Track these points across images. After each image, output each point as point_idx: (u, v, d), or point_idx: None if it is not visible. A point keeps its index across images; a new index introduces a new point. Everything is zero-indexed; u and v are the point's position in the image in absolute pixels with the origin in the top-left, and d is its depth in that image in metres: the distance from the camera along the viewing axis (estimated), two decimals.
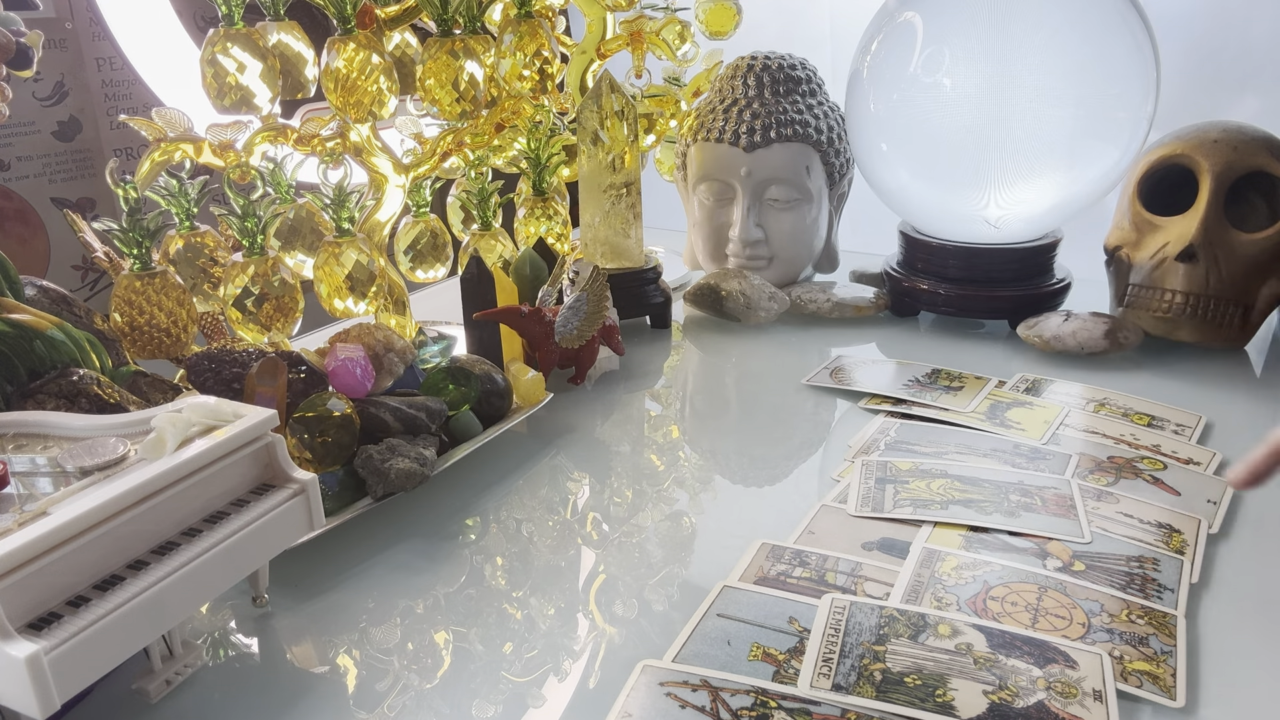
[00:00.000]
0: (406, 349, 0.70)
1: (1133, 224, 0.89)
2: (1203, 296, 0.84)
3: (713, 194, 1.02)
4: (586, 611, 0.55)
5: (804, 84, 1.02)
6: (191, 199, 0.76)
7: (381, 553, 0.61)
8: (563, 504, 0.68)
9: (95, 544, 0.42)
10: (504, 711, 0.47)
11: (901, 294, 1.00)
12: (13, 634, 0.38)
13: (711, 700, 0.46)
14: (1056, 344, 0.87)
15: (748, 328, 0.99)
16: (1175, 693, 0.46)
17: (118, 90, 1.13)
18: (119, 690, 0.49)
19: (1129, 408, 0.77)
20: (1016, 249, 0.94)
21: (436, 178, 0.90)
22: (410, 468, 0.62)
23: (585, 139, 0.91)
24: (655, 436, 0.78)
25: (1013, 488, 0.64)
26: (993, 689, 0.46)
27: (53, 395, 0.55)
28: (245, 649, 0.53)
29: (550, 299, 0.82)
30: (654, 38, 0.98)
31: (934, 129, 0.87)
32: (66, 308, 0.65)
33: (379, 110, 0.73)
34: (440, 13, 0.75)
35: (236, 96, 0.70)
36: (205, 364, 0.64)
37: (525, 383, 0.76)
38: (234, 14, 0.69)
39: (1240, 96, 1.12)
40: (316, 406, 0.61)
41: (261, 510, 0.49)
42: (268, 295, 0.74)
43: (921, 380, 0.83)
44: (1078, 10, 0.83)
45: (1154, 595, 0.53)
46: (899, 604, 0.52)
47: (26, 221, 1.08)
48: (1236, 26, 1.10)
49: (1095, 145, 0.86)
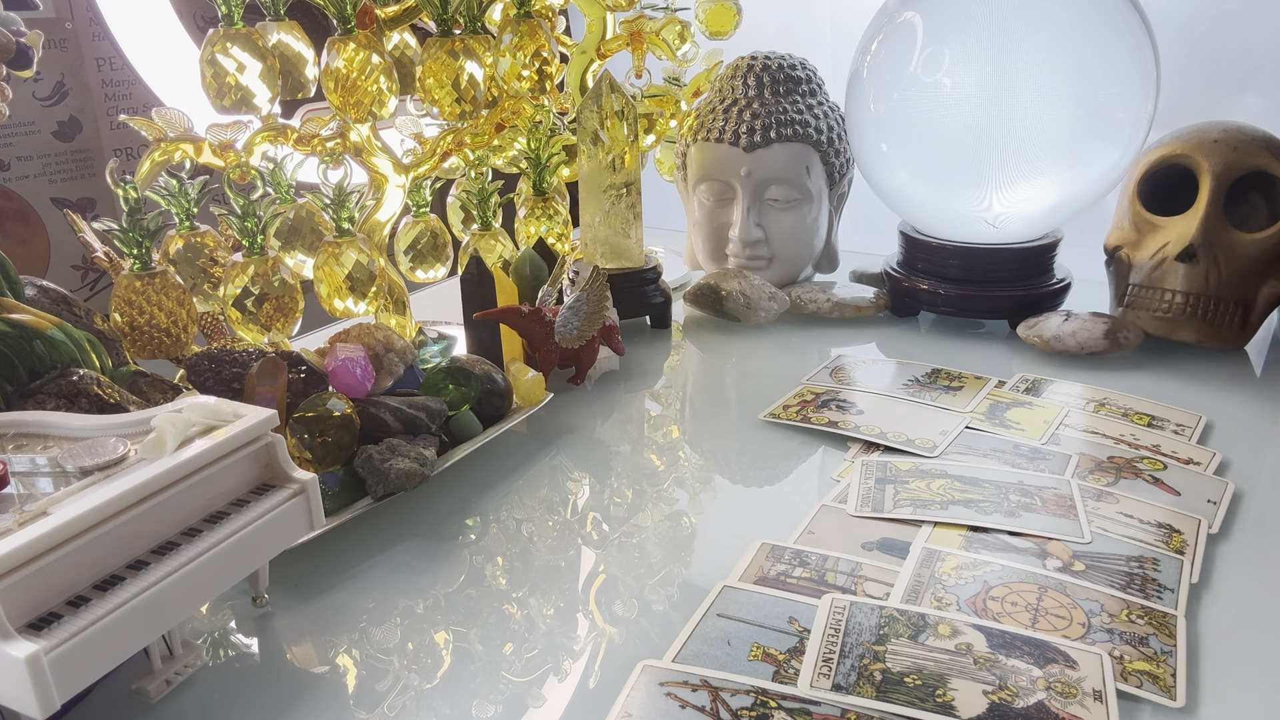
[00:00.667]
0: (406, 349, 0.70)
1: (1133, 224, 0.89)
2: (1203, 296, 0.84)
3: (713, 194, 1.02)
4: (586, 611, 0.55)
5: (804, 84, 1.02)
6: (191, 199, 0.76)
7: (381, 553, 0.61)
8: (563, 504, 0.68)
9: (95, 544, 0.42)
10: (504, 711, 0.47)
11: (901, 294, 1.00)
12: (13, 634, 0.38)
13: (711, 700, 0.46)
14: (1056, 344, 0.87)
15: (748, 328, 0.99)
16: (1175, 693, 0.46)
17: (118, 90, 1.13)
18: (119, 690, 0.49)
19: (1129, 408, 0.77)
20: (1016, 249, 0.94)
21: (436, 178, 0.90)
22: (410, 468, 0.62)
23: (585, 139, 0.91)
24: (655, 436, 0.78)
25: (1012, 488, 0.64)
26: (993, 689, 0.46)
27: (53, 395, 0.55)
28: (245, 649, 0.53)
29: (550, 299, 0.82)
30: (654, 38, 0.98)
31: (934, 129, 0.87)
32: (66, 308, 0.65)
33: (379, 110, 0.73)
34: (440, 13, 0.75)
35: (236, 96, 0.70)
36: (205, 364, 0.64)
37: (525, 383, 0.76)
38: (234, 14, 0.69)
39: (1240, 96, 1.12)
40: (316, 406, 0.61)
41: (261, 510, 0.49)
42: (268, 295, 0.74)
43: (921, 380, 0.83)
44: (1078, 10, 0.83)
45: (1154, 595, 0.53)
46: (899, 604, 0.52)
47: (26, 221, 1.08)
48: (1236, 26, 1.10)
49: (1095, 145, 0.86)
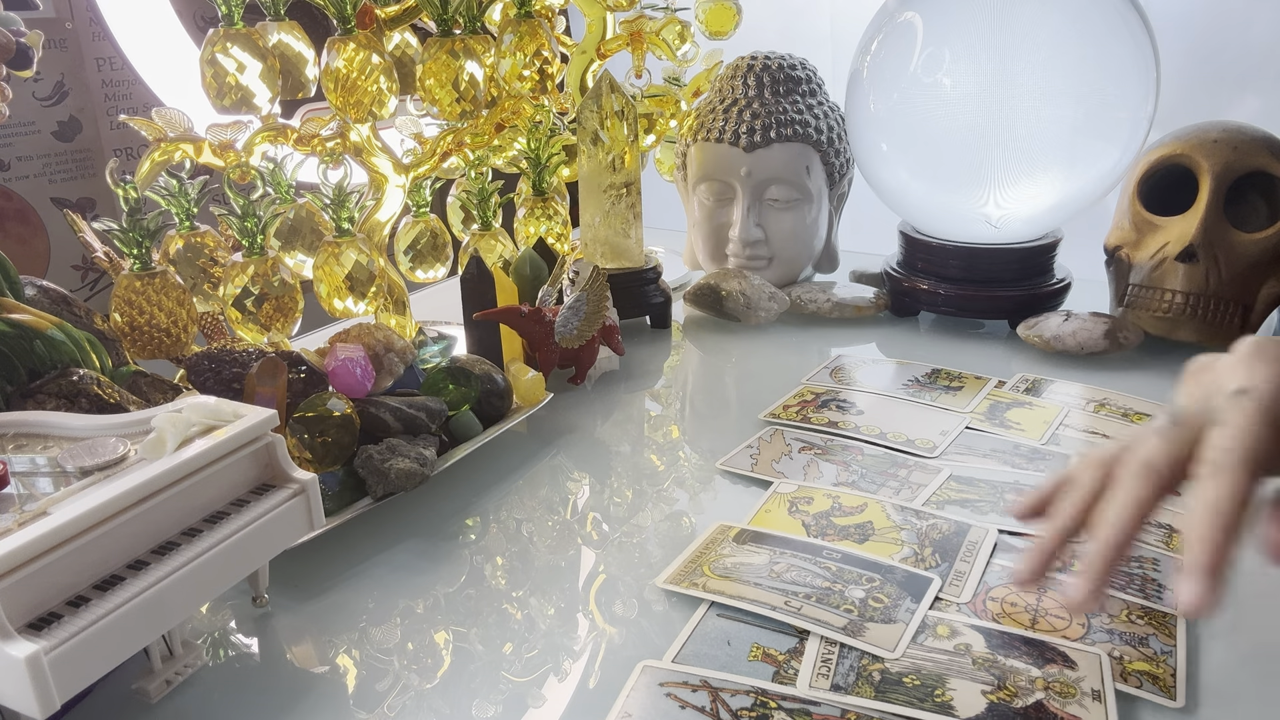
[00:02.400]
0: (406, 349, 0.71)
1: (1133, 224, 0.89)
2: (1203, 296, 0.84)
3: (713, 194, 1.02)
4: (586, 611, 0.55)
5: (804, 84, 1.02)
6: (191, 199, 0.76)
7: (381, 553, 0.61)
8: (563, 504, 0.68)
9: (95, 544, 0.42)
10: (504, 711, 0.47)
11: (901, 294, 1.00)
12: (13, 634, 0.38)
13: (711, 701, 0.46)
14: (1056, 344, 0.87)
15: (748, 328, 0.99)
16: (1175, 693, 0.46)
17: (118, 90, 1.13)
18: (119, 690, 0.49)
19: (1129, 408, 0.77)
20: (1016, 249, 0.94)
21: (436, 178, 0.90)
22: (410, 468, 0.62)
23: (585, 139, 0.91)
24: (655, 436, 0.78)
25: (1009, 487, 0.64)
26: (991, 689, 0.46)
27: (53, 395, 0.55)
28: (245, 649, 0.53)
29: (550, 299, 0.82)
30: (654, 38, 0.98)
31: (934, 129, 0.87)
32: (66, 308, 0.65)
33: (379, 110, 0.73)
34: (440, 13, 0.75)
35: (236, 96, 0.70)
36: (205, 364, 0.64)
37: (525, 383, 0.76)
38: (234, 14, 0.69)
39: (1240, 96, 1.12)
40: (316, 406, 0.61)
41: (261, 510, 0.49)
42: (268, 295, 0.74)
43: (921, 380, 0.83)
44: (1078, 10, 0.83)
45: (1154, 595, 0.53)
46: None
47: (26, 221, 1.09)
48: (1236, 26, 1.10)
49: (1095, 145, 0.86)
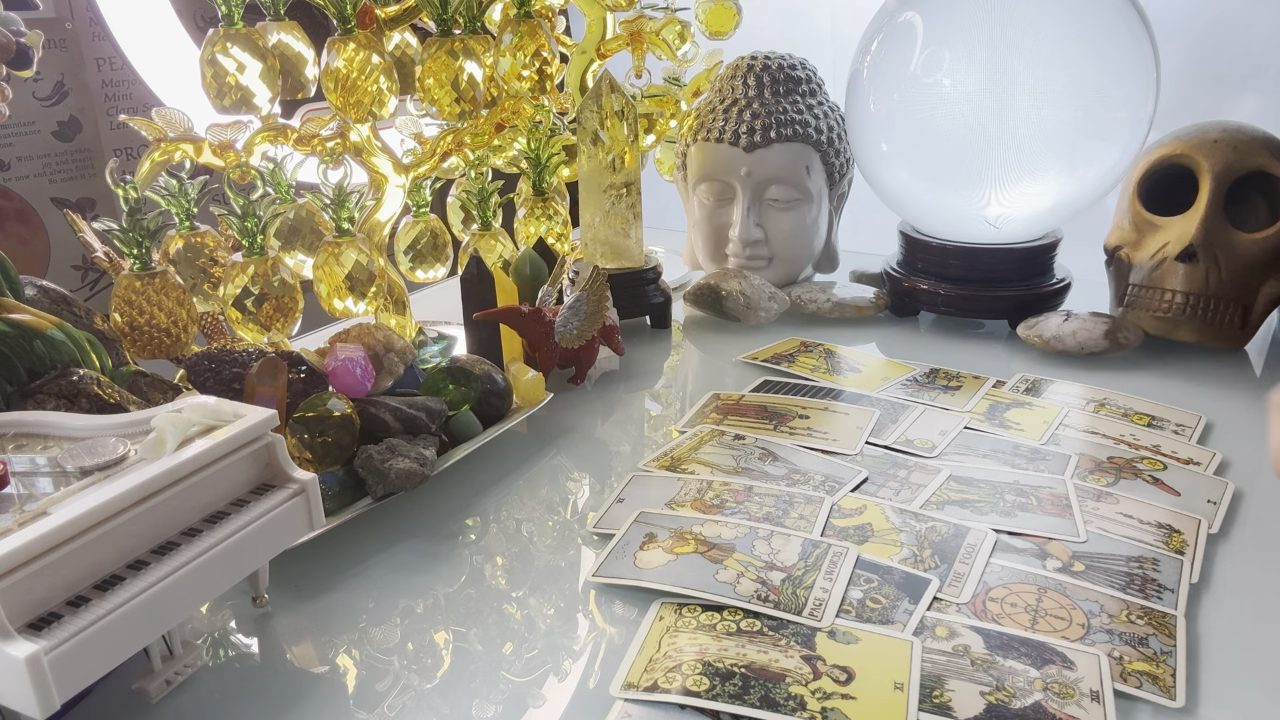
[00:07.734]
0: (406, 349, 0.71)
1: (1133, 224, 0.89)
2: (1203, 296, 0.84)
3: (713, 194, 1.02)
4: (586, 611, 0.55)
5: (804, 84, 1.02)
6: (191, 199, 0.76)
7: (381, 553, 0.61)
8: (563, 504, 0.68)
9: (95, 544, 0.42)
10: (504, 711, 0.47)
11: (901, 294, 1.00)
12: (13, 634, 0.38)
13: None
14: (1056, 344, 0.87)
15: (748, 328, 0.99)
16: (1175, 693, 0.46)
17: (118, 90, 1.13)
18: (119, 690, 0.49)
19: (1129, 408, 0.77)
20: (1016, 249, 0.94)
21: (436, 178, 0.90)
22: (410, 468, 0.62)
23: (585, 139, 0.91)
24: (655, 436, 0.78)
25: (1009, 488, 0.64)
26: (990, 690, 0.46)
27: (53, 395, 0.55)
28: (245, 649, 0.53)
29: (550, 299, 0.82)
30: (654, 38, 0.98)
31: (934, 129, 0.87)
32: (66, 308, 0.65)
33: (379, 110, 0.73)
34: (440, 13, 0.75)
35: (236, 96, 0.70)
36: (205, 364, 0.64)
37: (525, 383, 0.76)
38: (234, 14, 0.69)
39: (1240, 96, 1.12)
40: (316, 406, 0.61)
41: (261, 510, 0.49)
42: (268, 295, 0.74)
43: (920, 380, 0.83)
44: (1078, 10, 0.83)
45: (1154, 595, 0.53)
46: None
47: (26, 221, 1.09)
48: (1236, 27, 1.10)
49: (1095, 145, 0.86)
